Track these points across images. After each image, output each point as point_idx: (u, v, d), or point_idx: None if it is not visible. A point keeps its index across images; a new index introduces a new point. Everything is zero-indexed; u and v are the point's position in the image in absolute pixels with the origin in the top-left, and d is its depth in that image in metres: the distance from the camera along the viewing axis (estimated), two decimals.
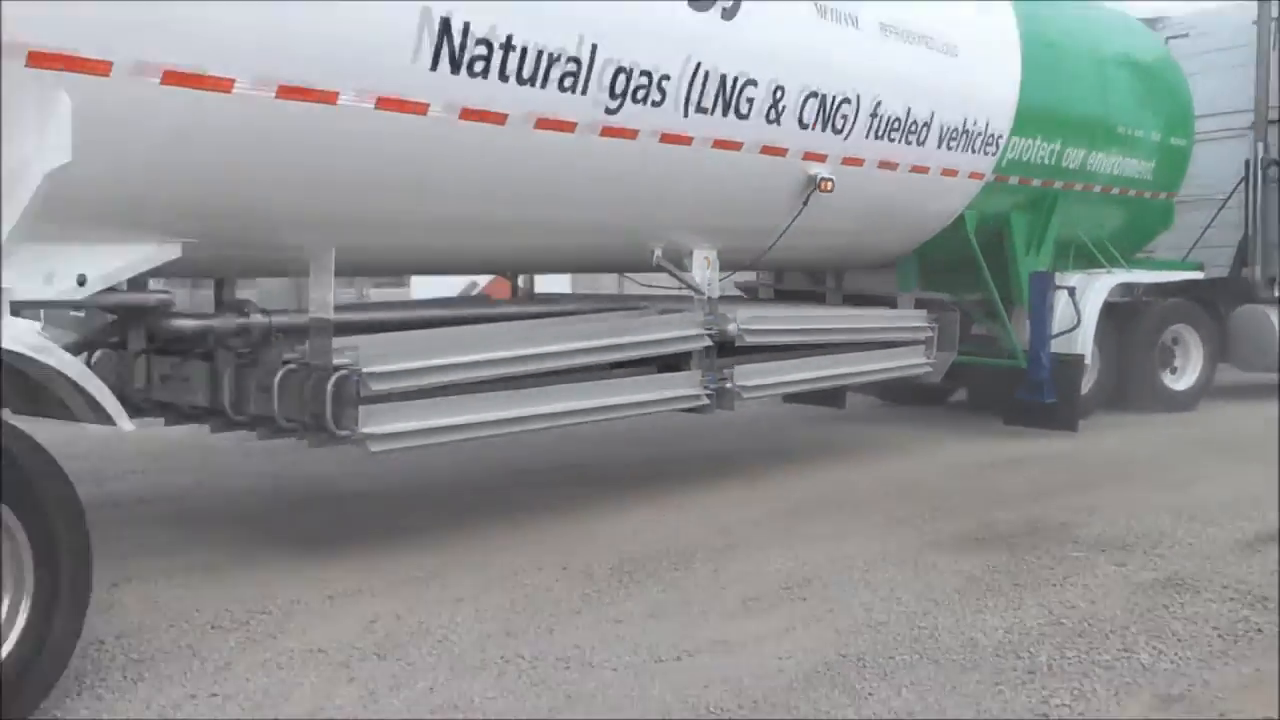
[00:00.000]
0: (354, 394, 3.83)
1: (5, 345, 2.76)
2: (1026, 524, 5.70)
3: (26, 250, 3.08)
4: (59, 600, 2.93)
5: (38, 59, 2.95)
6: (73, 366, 3.03)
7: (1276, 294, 8.70)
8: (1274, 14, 7.92)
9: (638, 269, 5.92)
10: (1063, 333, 7.33)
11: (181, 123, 3.37)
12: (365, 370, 3.86)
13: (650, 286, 6.40)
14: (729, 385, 5.57)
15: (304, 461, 6.36)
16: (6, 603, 2.85)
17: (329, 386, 3.77)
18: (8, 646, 2.81)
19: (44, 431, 3.04)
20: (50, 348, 2.96)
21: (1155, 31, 9.26)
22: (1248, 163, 8.39)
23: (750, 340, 5.62)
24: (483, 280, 9.34)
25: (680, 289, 5.68)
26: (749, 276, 7.83)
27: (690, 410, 5.51)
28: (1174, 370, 8.84)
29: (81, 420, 3.18)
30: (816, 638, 3.82)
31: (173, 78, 3.26)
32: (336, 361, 3.85)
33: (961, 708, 3.21)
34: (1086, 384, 7.81)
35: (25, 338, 2.87)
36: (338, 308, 4.01)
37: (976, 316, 7.49)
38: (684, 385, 5.36)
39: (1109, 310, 7.89)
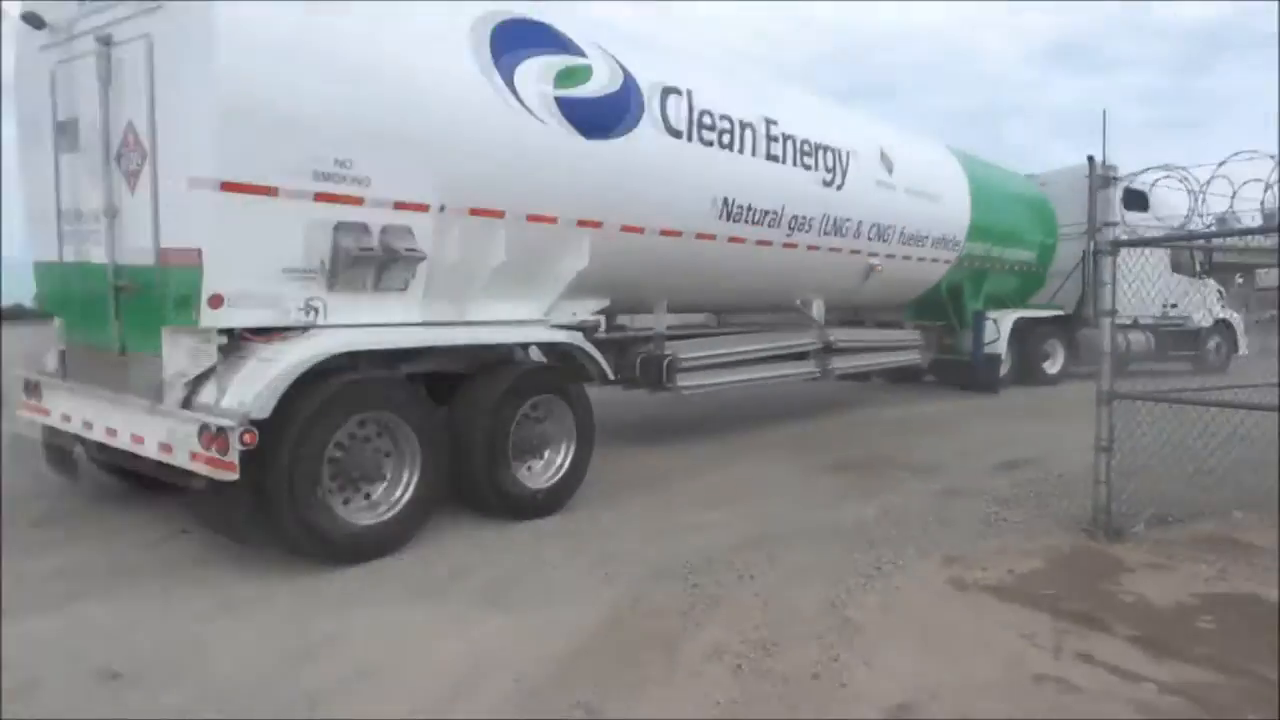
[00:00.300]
0: (674, 367, 7.76)
1: (569, 340, 6.51)
2: (869, 457, 8.27)
3: (563, 302, 6.79)
4: (582, 454, 6.43)
5: (582, 223, 6.68)
6: (591, 349, 6.65)
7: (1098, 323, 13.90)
8: (1096, 172, 12.51)
9: (787, 309, 10.24)
10: (990, 342, 12.70)
11: (626, 246, 7.08)
12: (679, 355, 7.87)
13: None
14: (828, 367, 10.07)
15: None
16: (562, 453, 6.34)
17: (665, 363, 7.73)
18: (560, 474, 6.30)
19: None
20: (582, 341, 6.62)
21: (1034, 180, 14.82)
22: (1085, 252, 13.27)
23: (839, 344, 10.15)
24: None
25: (804, 319, 10.16)
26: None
27: (809, 380, 10.16)
28: (1049, 363, 14.33)
29: (595, 380, 6.79)
30: (746, 523, 5.96)
31: (627, 228, 7.08)
32: (665, 351, 7.85)
33: (829, 562, 5.11)
34: (1003, 370, 13.27)
35: (573, 338, 6.56)
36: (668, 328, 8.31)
37: (943, 334, 12.69)
38: (808, 366, 9.82)
39: (1015, 331, 13.25)
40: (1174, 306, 14.09)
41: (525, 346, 6.38)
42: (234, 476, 4.42)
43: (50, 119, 5.58)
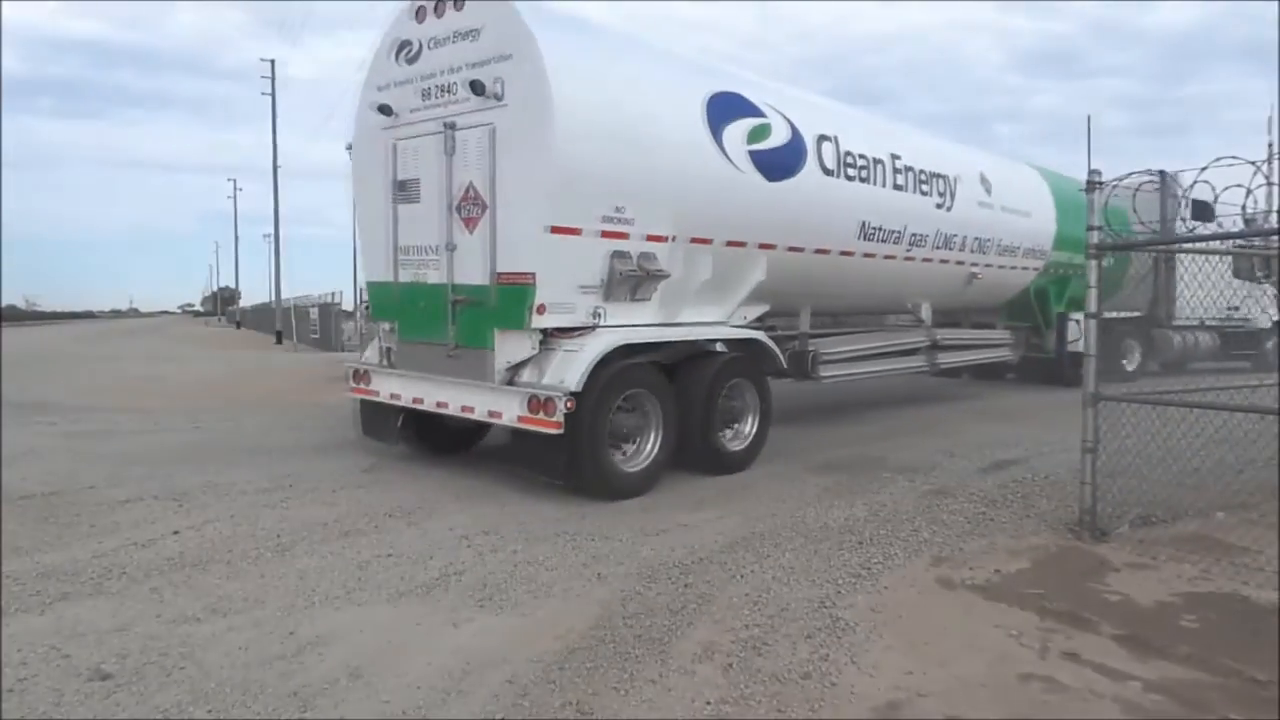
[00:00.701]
0: (817, 360, 9.36)
1: (758, 336, 8.27)
2: (858, 457, 8.32)
3: (740, 308, 8.35)
4: (764, 427, 8.13)
5: (762, 246, 8.39)
6: (771, 343, 8.30)
7: (1170, 323, 16.02)
8: (1174, 184, 13.04)
9: (899, 311, 11.91)
10: (1073, 341, 13.41)
11: (789, 263, 8.72)
12: (821, 350, 9.49)
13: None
14: (935, 362, 11.46)
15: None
16: (749, 424, 8.04)
17: (810, 357, 9.32)
18: (749, 441, 8.02)
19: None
20: (765, 337, 8.34)
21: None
22: (1155, 258, 14.27)
23: (943, 342, 11.62)
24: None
25: (913, 320, 11.68)
26: None
27: (919, 374, 11.68)
28: (1126, 361, 15.45)
29: (777, 373, 8.59)
30: (737, 522, 6.02)
31: (792, 249, 8.77)
32: (810, 347, 9.48)
33: (818, 561, 5.19)
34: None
35: (760, 335, 8.37)
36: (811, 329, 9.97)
37: (1031, 334, 14.09)
38: (918, 361, 11.31)
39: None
40: (1236, 309, 15.61)
41: (717, 342, 7.99)
42: (559, 432, 6.31)
43: (389, 179, 7.54)
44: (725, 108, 7.94)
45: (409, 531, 5.81)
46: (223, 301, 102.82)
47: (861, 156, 9.36)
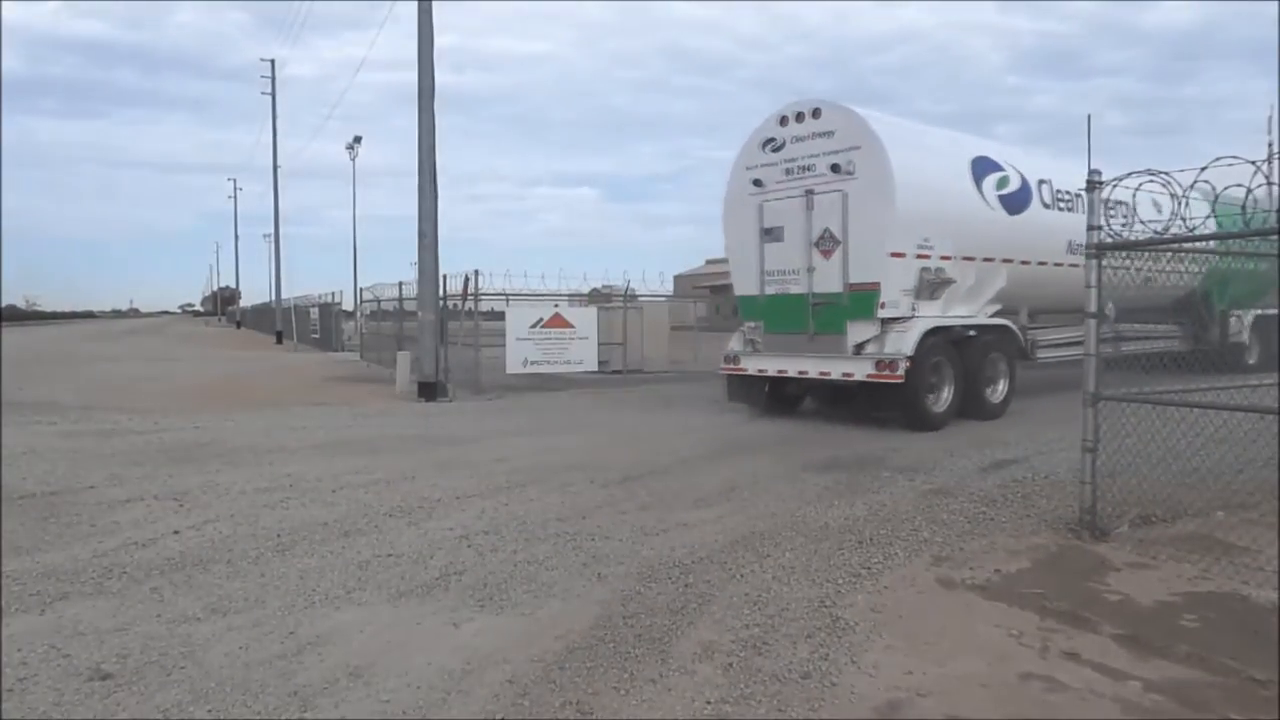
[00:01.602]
0: (1035, 345, 12.42)
1: (1009, 324, 11.90)
2: (858, 457, 8.31)
3: (986, 305, 11.80)
4: (1011, 388, 11.78)
5: (1005, 260, 11.83)
6: (1018, 330, 12.04)
7: None
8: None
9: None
10: (1234, 334, 15.32)
11: (1019, 273, 12.01)
12: (1038, 338, 12.57)
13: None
14: (1120, 350, 12.75)
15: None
16: (1002, 386, 11.66)
17: (1030, 343, 12.32)
18: (1002, 398, 11.63)
19: None
20: (1014, 324, 12.07)
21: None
22: None
23: (1126, 334, 12.04)
24: (546, 314, 16.67)
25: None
26: None
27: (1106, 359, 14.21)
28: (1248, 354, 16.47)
29: (1018, 351, 12.04)
30: (738, 521, 6.02)
31: (1023, 263, 12.27)
32: (1030, 336, 12.43)
33: (818, 561, 5.19)
34: (1251, 358, 15.56)
35: (1010, 323, 11.93)
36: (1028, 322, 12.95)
37: (1197, 329, 15.30)
38: (1106, 349, 14.62)
39: (1255, 325, 15.81)
40: None
41: (972, 328, 11.29)
42: (902, 382, 10.09)
43: (758, 227, 11.57)
44: (982, 166, 11.85)
45: (409, 531, 5.81)
46: (223, 301, 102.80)
47: (1067, 193, 12.66)
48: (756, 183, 11.49)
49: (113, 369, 22.43)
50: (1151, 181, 5.98)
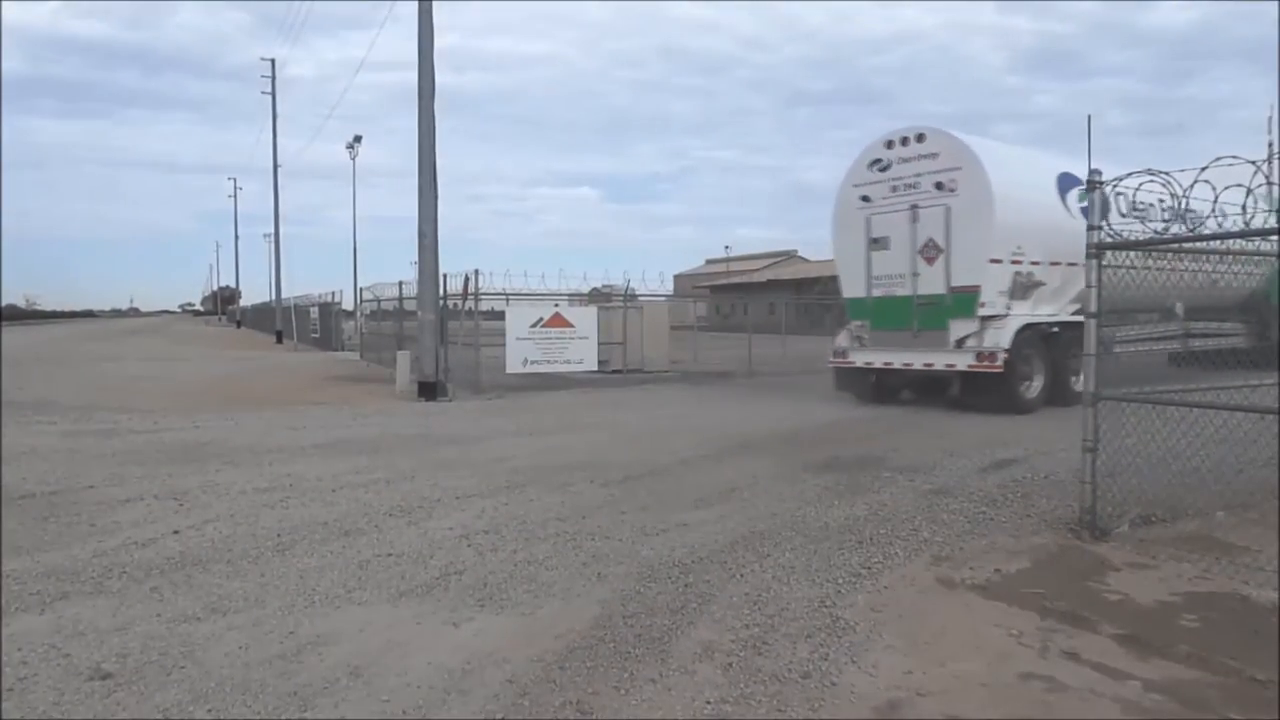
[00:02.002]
0: (1112, 341, 11.39)
1: (1056, 320, 12.93)
2: (858, 456, 8.31)
3: (1068, 305, 12.81)
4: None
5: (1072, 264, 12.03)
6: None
7: None
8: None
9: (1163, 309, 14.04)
10: None
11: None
12: (1111, 333, 10.22)
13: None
14: (1188, 347, 14.05)
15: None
16: (1036, 382, 12.61)
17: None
18: (1037, 392, 12.70)
19: None
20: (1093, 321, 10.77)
21: None
22: None
23: (1194, 331, 14.10)
24: (547, 314, 16.66)
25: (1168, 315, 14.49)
26: None
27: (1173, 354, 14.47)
28: None
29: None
30: (738, 522, 6.01)
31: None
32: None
33: (818, 561, 5.19)
34: None
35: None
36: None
37: (1261, 327, 15.41)
38: (1175, 345, 14.09)
39: None
40: None
41: (1057, 325, 12.57)
42: (1001, 372, 11.56)
43: (865, 238, 13.18)
44: (1065, 181, 12.97)
45: (409, 531, 5.81)
46: (223, 301, 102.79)
47: (1142, 202, 13.16)
48: (864, 198, 13.14)
49: (113, 369, 22.43)
50: (1152, 181, 5.97)
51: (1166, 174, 5.82)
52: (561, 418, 12.32)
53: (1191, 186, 5.62)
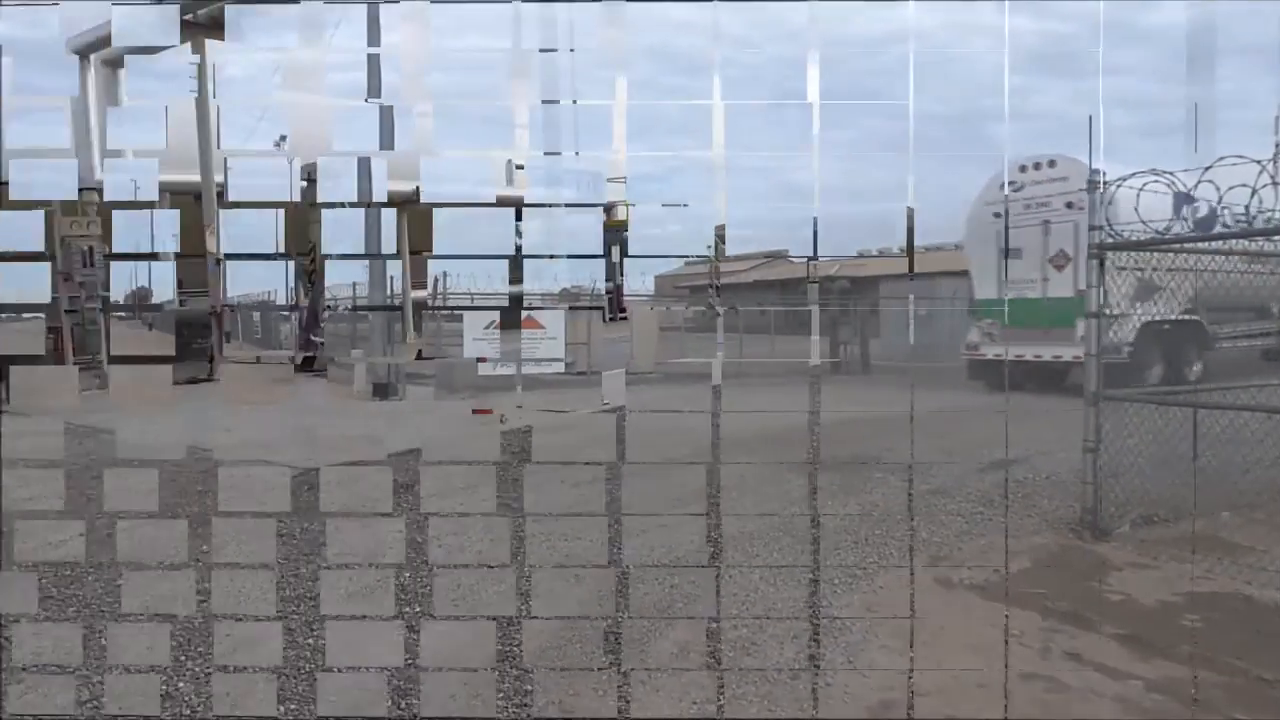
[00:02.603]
0: (1214, 336, 14.12)
1: (1199, 319, 13.61)
2: (854, 455, 8.17)
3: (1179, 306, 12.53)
4: (1204, 371, 13.60)
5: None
6: (1205, 323, 13.93)
7: None
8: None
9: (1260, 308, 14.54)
10: None
11: (1201, 279, 9.32)
12: (1215, 330, 14.06)
13: None
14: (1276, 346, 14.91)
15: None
16: (1195, 368, 13.47)
17: (1208, 334, 13.88)
18: (1156, 379, 12.62)
19: None
20: (1200, 319, 13.68)
21: None
22: None
23: None
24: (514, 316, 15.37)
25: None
26: None
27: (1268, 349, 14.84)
28: None
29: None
30: (727, 521, 5.78)
31: (1205, 273, 9.27)
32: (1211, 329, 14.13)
33: (812, 560, 5.01)
34: None
35: (1198, 318, 13.68)
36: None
37: None
38: (1268, 341, 14.68)
39: None
40: None
41: (1170, 322, 12.52)
42: (1126, 363, 10.50)
43: (998, 248, 14.44)
44: (1179, 198, 13.00)
45: (380, 527, 5.67)
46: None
47: (1244, 212, 14.55)
48: (996, 214, 14.76)
49: None
50: (1156, 181, 5.90)
51: (1170, 174, 5.72)
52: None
53: (1195, 186, 5.52)
